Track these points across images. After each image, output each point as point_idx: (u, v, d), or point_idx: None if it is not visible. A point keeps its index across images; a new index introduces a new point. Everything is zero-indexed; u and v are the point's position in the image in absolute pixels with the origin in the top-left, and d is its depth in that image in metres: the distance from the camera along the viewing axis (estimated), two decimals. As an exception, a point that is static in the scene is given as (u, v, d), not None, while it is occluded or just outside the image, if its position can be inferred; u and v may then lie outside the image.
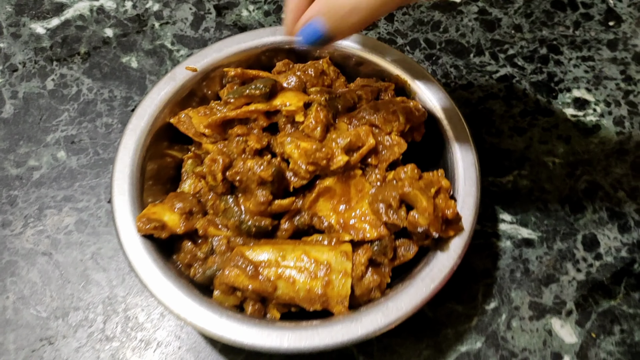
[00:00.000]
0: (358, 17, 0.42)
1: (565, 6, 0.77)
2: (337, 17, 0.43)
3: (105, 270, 0.60)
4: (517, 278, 0.60)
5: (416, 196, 0.48)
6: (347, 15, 0.43)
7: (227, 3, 0.76)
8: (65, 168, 0.65)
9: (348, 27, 0.43)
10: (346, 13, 0.42)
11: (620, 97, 0.71)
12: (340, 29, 0.44)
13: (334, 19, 0.43)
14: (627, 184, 0.66)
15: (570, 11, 0.77)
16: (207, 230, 0.52)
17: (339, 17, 0.43)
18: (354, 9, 0.42)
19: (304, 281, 0.48)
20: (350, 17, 0.43)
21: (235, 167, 0.51)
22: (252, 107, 0.53)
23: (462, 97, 0.70)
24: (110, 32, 0.74)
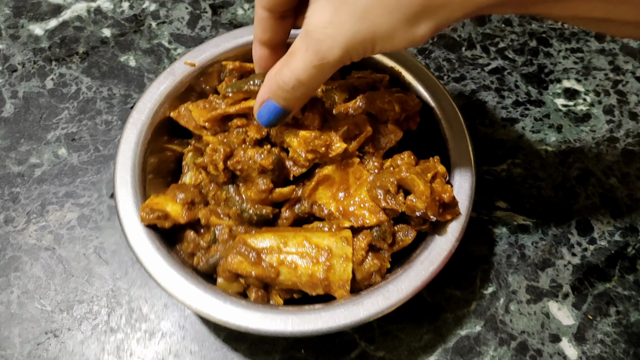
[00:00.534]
0: (304, 89, 0.45)
1: None
2: (284, 95, 0.46)
3: (108, 264, 0.61)
4: (514, 263, 0.62)
5: (413, 180, 0.49)
6: (293, 91, 0.45)
7: (222, 2, 0.78)
8: (66, 165, 0.66)
9: (298, 99, 0.46)
10: (291, 89, 0.45)
11: (609, 87, 0.72)
12: (291, 103, 0.47)
13: (282, 97, 0.46)
14: (618, 171, 0.67)
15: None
16: (209, 220, 0.53)
17: (286, 95, 0.46)
18: (296, 85, 0.45)
19: (306, 266, 0.49)
20: (296, 91, 0.45)
21: (236, 156, 0.51)
22: (251, 102, 0.54)
23: (455, 89, 0.72)
24: (108, 32, 0.75)
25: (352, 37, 0.41)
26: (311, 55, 0.43)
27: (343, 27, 0.41)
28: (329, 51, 0.42)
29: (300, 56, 0.43)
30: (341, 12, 0.40)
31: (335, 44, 0.41)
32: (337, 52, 0.42)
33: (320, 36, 0.41)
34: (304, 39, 0.43)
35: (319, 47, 0.42)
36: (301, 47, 0.43)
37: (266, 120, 0.48)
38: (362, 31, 0.40)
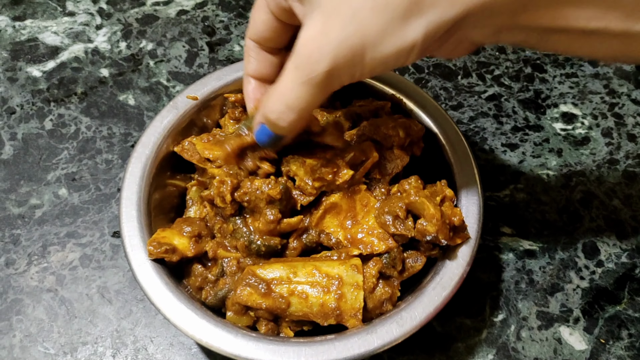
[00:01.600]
0: (293, 114, 0.44)
1: (547, 27, 0.80)
2: (274, 122, 0.45)
3: (111, 304, 0.60)
4: (523, 289, 0.61)
5: (423, 204, 0.49)
6: (282, 117, 0.44)
7: (219, 39, 0.78)
8: (67, 205, 0.65)
9: (289, 124, 0.45)
10: (280, 116, 0.44)
11: (606, 110, 0.73)
12: (283, 129, 0.46)
13: (272, 124, 0.46)
14: (620, 192, 0.67)
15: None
16: (217, 253, 0.52)
17: (276, 121, 0.45)
18: (284, 110, 0.44)
19: (316, 296, 0.48)
20: (285, 117, 0.44)
21: (243, 187, 0.51)
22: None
23: (454, 117, 0.72)
24: (106, 72, 0.75)
25: (340, 44, 0.39)
26: (299, 72, 0.42)
27: (331, 34, 0.39)
28: (317, 64, 0.40)
29: (288, 75, 0.42)
30: (331, 19, 0.39)
31: (323, 54, 0.40)
32: (325, 63, 0.40)
33: (308, 49, 0.41)
34: (292, 58, 0.42)
35: (306, 61, 0.41)
36: (290, 67, 0.42)
37: (264, 143, 0.48)
38: (350, 36, 0.39)
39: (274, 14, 0.47)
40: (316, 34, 0.40)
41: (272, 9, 0.47)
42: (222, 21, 0.80)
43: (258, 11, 0.48)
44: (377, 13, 0.38)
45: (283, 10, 0.46)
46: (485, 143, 0.70)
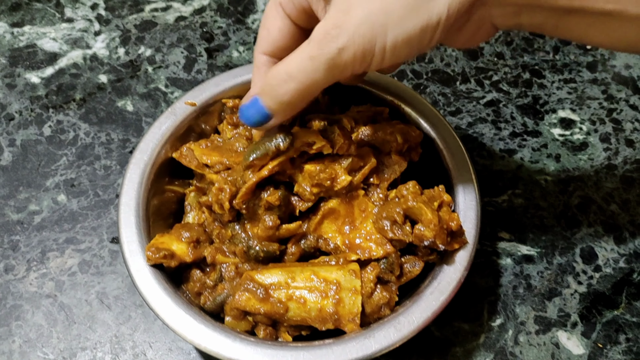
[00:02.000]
0: (293, 86, 0.42)
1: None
2: (271, 92, 0.44)
3: (110, 309, 0.60)
4: (521, 294, 0.61)
5: (420, 209, 0.49)
6: (280, 88, 0.43)
7: (217, 45, 0.78)
8: (66, 211, 0.65)
9: (284, 102, 0.44)
10: (278, 85, 0.43)
11: (604, 115, 0.73)
12: (277, 106, 0.44)
13: (268, 95, 0.44)
14: (618, 197, 0.67)
15: (549, 37, 0.80)
16: (215, 258, 0.52)
17: (273, 92, 0.44)
18: (284, 79, 0.42)
19: (315, 301, 0.48)
20: (283, 87, 0.43)
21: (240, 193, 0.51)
22: (281, 158, 0.51)
23: (452, 122, 0.72)
24: (104, 78, 0.75)
25: (361, 21, 0.38)
26: (311, 47, 0.41)
27: (353, 12, 0.38)
28: (333, 41, 0.39)
29: (300, 49, 0.42)
30: (352, 4, 0.39)
31: (342, 32, 0.39)
32: (342, 40, 0.39)
33: (327, 27, 0.40)
34: (309, 38, 0.41)
35: (323, 38, 0.40)
36: (304, 44, 0.42)
37: (249, 118, 0.46)
38: (373, 12, 0.38)
39: (291, 18, 0.47)
40: (337, 14, 0.39)
41: (290, 13, 0.46)
42: (221, 27, 0.80)
43: (272, 20, 0.48)
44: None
45: (302, 11, 0.46)
46: (483, 148, 0.70)
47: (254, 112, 0.46)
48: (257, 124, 0.47)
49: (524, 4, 0.39)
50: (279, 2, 0.47)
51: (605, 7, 0.38)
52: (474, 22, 0.42)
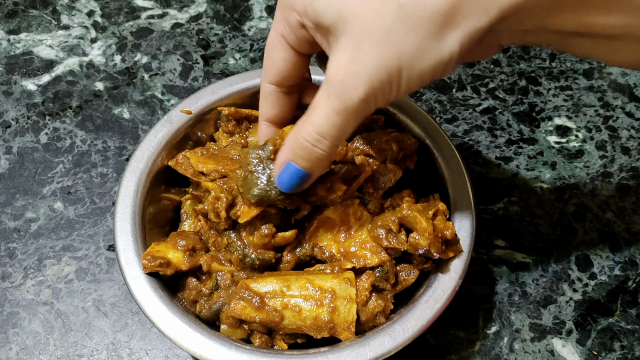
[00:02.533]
0: (327, 145, 0.42)
1: (540, 40, 0.80)
2: (305, 155, 0.43)
3: (107, 317, 0.60)
4: (516, 301, 0.61)
5: (415, 218, 0.49)
6: (315, 148, 0.43)
7: (214, 53, 0.78)
8: (62, 218, 0.66)
9: (320, 159, 0.43)
10: (312, 146, 0.42)
11: (600, 123, 0.73)
12: (313, 165, 0.44)
13: (303, 157, 0.44)
14: (614, 205, 0.67)
15: (548, 47, 0.80)
16: (211, 266, 0.53)
17: (308, 154, 0.43)
18: (318, 140, 0.42)
19: (310, 309, 0.49)
20: (318, 148, 0.42)
21: (237, 204, 0.51)
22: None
23: (448, 130, 0.72)
24: (100, 86, 0.75)
25: (376, 67, 0.38)
26: (333, 101, 0.40)
27: (365, 59, 0.38)
28: (352, 90, 0.39)
29: (322, 105, 0.41)
30: (362, 44, 0.38)
31: (359, 81, 0.39)
32: (361, 89, 0.39)
33: (341, 76, 0.39)
34: (324, 87, 0.41)
35: (340, 88, 0.40)
36: (322, 96, 0.41)
37: (287, 185, 0.46)
38: (386, 58, 0.38)
39: (294, 49, 0.47)
40: (349, 60, 0.39)
41: (293, 44, 0.46)
42: (217, 34, 0.80)
43: (275, 50, 0.47)
44: (411, 31, 0.37)
45: (304, 41, 0.45)
46: (479, 156, 0.70)
47: (292, 177, 0.45)
48: (297, 187, 0.46)
49: (531, 29, 0.39)
50: (281, 34, 0.46)
51: (613, 32, 0.38)
52: (482, 46, 0.42)
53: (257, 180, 0.48)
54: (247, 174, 0.49)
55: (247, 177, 0.49)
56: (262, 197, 0.48)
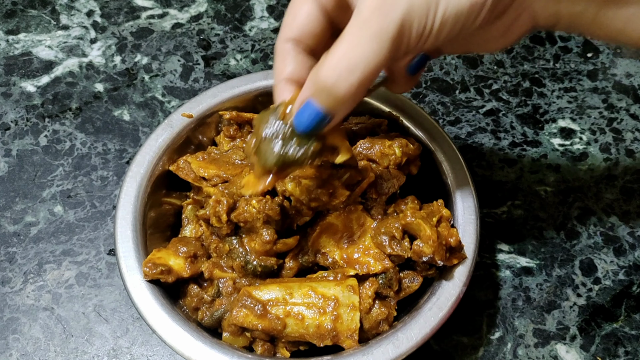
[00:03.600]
0: (357, 78, 0.38)
1: (544, 40, 0.80)
2: (328, 90, 0.39)
3: (108, 322, 0.60)
4: (520, 306, 0.61)
5: (419, 225, 0.49)
6: (344, 81, 0.38)
7: (214, 53, 0.78)
8: (62, 222, 0.65)
9: (343, 98, 0.39)
10: (340, 78, 0.38)
11: (605, 125, 0.73)
12: (335, 104, 0.40)
13: (326, 93, 0.39)
14: (618, 209, 0.67)
15: (549, 45, 0.79)
16: (213, 273, 0.52)
17: (331, 90, 0.39)
18: (344, 73, 0.38)
19: (313, 317, 0.48)
20: (347, 81, 0.38)
21: (239, 208, 0.51)
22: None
23: (451, 132, 0.72)
24: (100, 87, 0.75)
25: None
26: (366, 26, 0.37)
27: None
28: (388, 13, 0.36)
29: (352, 32, 0.37)
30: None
31: (396, 4, 0.36)
32: (399, 12, 0.36)
33: (377, 3, 0.36)
34: (355, 17, 0.38)
35: (375, 13, 0.36)
36: (352, 25, 0.38)
37: (305, 125, 0.41)
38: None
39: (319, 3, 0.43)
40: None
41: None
42: (218, 34, 0.80)
43: (299, 4, 0.44)
44: None
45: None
46: (483, 159, 0.70)
47: (310, 116, 0.41)
48: (315, 129, 0.42)
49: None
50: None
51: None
52: (512, 11, 0.41)
53: (271, 143, 0.44)
54: (259, 140, 0.44)
55: (260, 144, 0.44)
56: (280, 159, 0.43)
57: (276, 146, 0.43)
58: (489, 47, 0.46)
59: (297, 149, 0.43)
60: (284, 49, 0.45)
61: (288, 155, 0.43)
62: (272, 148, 0.44)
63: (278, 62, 0.45)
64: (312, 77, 0.40)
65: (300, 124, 0.42)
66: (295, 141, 0.43)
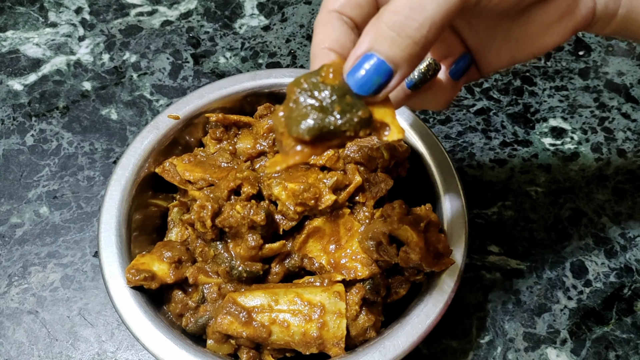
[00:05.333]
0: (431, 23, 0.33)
1: (536, 39, 0.79)
2: (399, 32, 0.33)
3: (93, 326, 0.59)
4: (510, 309, 0.60)
5: (406, 231, 0.48)
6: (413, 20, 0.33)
7: (204, 51, 0.77)
8: (48, 224, 0.64)
9: (411, 42, 0.33)
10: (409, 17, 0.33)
11: (596, 124, 0.72)
12: (404, 47, 0.33)
13: (391, 40, 0.33)
14: (609, 210, 0.66)
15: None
16: (198, 278, 0.51)
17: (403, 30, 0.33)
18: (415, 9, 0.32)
19: (298, 324, 0.48)
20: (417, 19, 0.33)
21: (224, 213, 0.50)
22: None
23: (442, 131, 0.71)
24: (88, 85, 0.74)
25: None
26: None
27: None
28: None
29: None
30: None
31: None
32: None
33: None
34: None
35: None
36: None
37: (362, 79, 0.34)
38: None
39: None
40: None
41: None
42: (207, 32, 0.79)
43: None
44: None
45: None
46: (473, 159, 0.69)
47: (371, 70, 0.34)
48: (375, 90, 0.35)
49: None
50: None
51: None
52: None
53: (307, 109, 0.35)
54: (292, 105, 0.36)
55: (292, 110, 0.36)
56: (318, 126, 0.35)
57: (313, 112, 0.35)
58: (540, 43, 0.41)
59: (339, 116, 0.35)
60: (326, 20, 0.39)
61: (329, 122, 0.35)
62: (308, 114, 0.35)
63: (319, 32, 0.39)
64: (373, 26, 0.34)
65: (357, 81, 0.35)
66: (338, 107, 0.35)
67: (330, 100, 0.35)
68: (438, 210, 0.54)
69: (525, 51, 0.42)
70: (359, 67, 0.34)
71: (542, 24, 0.40)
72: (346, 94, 0.35)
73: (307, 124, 0.35)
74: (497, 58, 0.43)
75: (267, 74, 0.61)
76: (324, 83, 0.35)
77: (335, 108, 0.35)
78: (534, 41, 0.41)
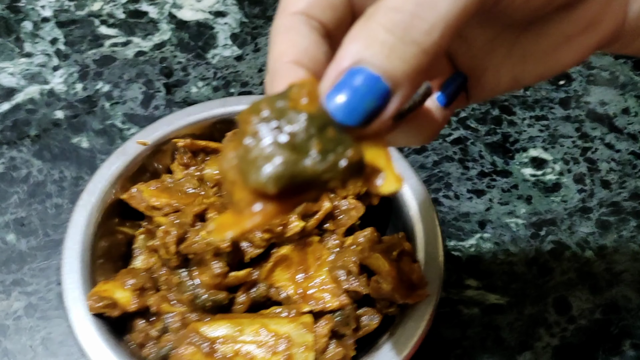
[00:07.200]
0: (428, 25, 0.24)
1: (517, 70, 0.78)
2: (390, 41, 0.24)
3: (55, 356, 0.57)
4: (489, 346, 0.58)
5: (378, 260, 0.47)
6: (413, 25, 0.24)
7: (176, 81, 0.76)
8: (14, 251, 0.63)
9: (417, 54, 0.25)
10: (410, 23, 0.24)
11: (578, 155, 0.71)
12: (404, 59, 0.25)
13: (386, 47, 0.25)
14: (594, 243, 0.65)
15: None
16: (160, 307, 0.50)
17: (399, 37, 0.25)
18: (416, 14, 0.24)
19: (262, 357, 0.46)
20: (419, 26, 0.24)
21: (188, 239, 0.49)
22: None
23: (417, 161, 0.70)
24: (60, 114, 0.73)
25: None
26: None
27: None
28: None
29: None
30: None
31: None
32: None
33: None
34: None
35: None
36: None
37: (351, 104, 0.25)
38: None
39: None
40: None
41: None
42: (180, 62, 0.78)
43: None
44: None
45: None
46: (449, 189, 0.68)
47: (362, 89, 0.25)
48: (366, 119, 0.25)
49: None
50: None
51: None
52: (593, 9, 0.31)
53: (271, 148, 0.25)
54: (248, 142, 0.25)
55: (247, 149, 0.25)
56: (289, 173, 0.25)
57: (281, 151, 0.25)
58: (554, 60, 0.33)
59: (318, 158, 0.25)
60: (289, 25, 0.29)
61: (304, 167, 0.25)
62: (273, 155, 0.25)
63: (280, 41, 0.30)
64: (362, 28, 0.25)
65: (341, 107, 0.25)
66: (317, 144, 0.25)
67: (305, 134, 0.25)
68: (412, 241, 0.53)
69: (533, 71, 0.34)
70: (343, 86, 0.25)
71: (561, 36, 0.32)
72: (327, 126, 0.25)
73: (271, 170, 0.25)
74: (494, 80, 0.35)
75: (237, 100, 0.60)
76: (295, 110, 0.25)
77: (312, 146, 0.25)
78: (547, 58, 0.33)
